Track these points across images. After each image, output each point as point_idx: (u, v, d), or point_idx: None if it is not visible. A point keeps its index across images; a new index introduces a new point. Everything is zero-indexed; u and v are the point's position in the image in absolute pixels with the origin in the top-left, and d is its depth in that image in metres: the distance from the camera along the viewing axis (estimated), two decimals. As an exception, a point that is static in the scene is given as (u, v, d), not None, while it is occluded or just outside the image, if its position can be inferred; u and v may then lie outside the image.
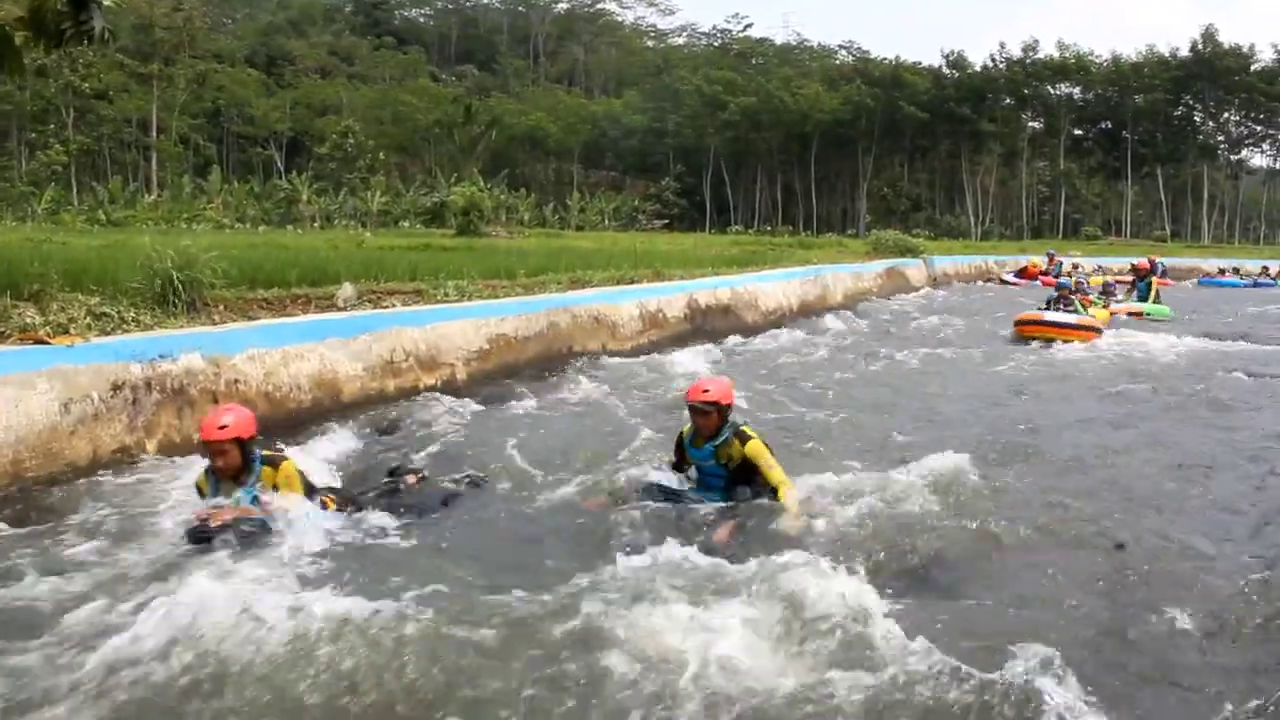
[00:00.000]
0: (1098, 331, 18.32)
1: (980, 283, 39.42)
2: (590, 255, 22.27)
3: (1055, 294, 20.38)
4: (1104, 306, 22.64)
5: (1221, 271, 44.45)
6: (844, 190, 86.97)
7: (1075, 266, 40.35)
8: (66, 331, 8.48)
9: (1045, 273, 38.42)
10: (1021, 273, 39.84)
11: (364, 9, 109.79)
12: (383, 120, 79.16)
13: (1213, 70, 74.47)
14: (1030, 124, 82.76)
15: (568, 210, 70.85)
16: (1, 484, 7.17)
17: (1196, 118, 79.10)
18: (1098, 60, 79.37)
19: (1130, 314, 23.65)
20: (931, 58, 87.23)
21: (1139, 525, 6.92)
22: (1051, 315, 18.77)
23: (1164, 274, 39.29)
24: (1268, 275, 42.49)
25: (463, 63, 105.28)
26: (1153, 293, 25.13)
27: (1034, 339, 18.00)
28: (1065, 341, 17.53)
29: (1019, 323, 18.93)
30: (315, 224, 51.22)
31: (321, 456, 8.65)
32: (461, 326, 12.77)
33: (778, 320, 21.67)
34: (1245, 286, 40.14)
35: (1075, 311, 19.25)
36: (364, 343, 11.16)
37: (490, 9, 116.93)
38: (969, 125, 78.00)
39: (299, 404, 10.02)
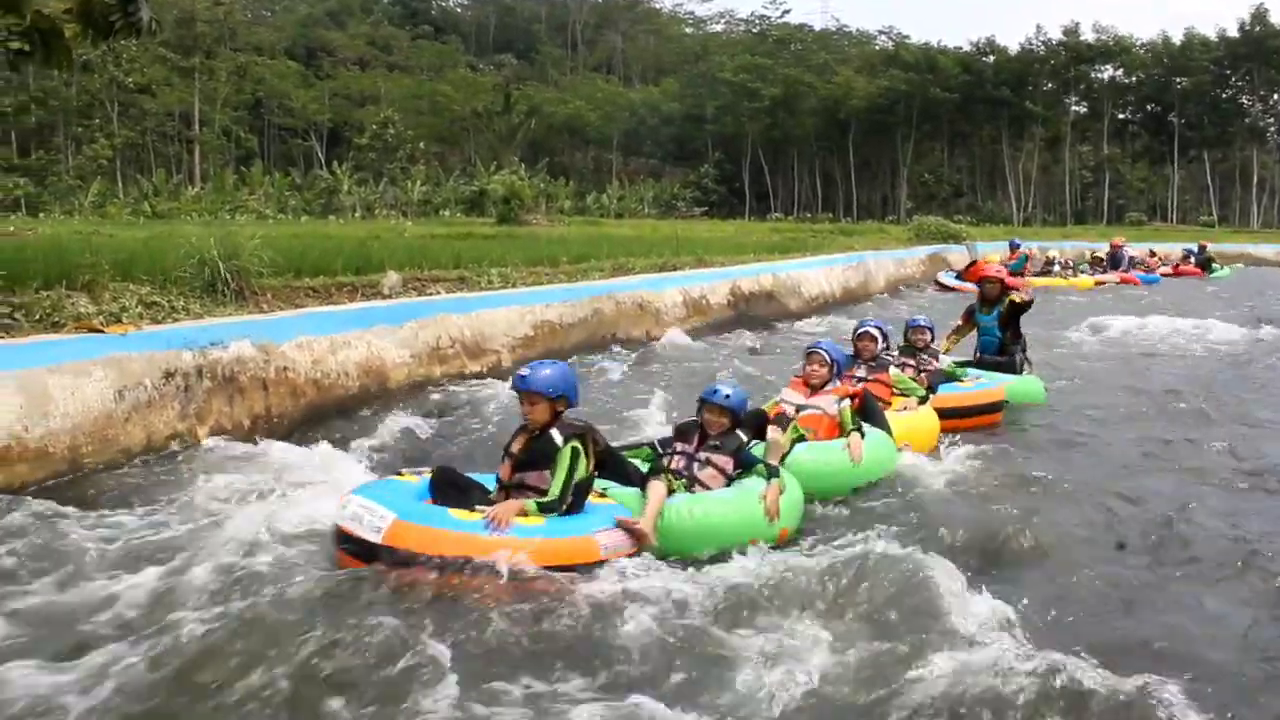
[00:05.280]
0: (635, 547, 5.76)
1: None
2: (631, 243, 22.23)
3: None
4: (924, 396, 9.28)
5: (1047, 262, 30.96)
6: (884, 177, 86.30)
7: (1049, 260, 30.86)
8: (119, 320, 8.54)
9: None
10: (966, 271, 24.33)
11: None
12: (421, 110, 79.33)
13: (1262, 51, 72.95)
14: (1074, 108, 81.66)
15: (608, 197, 70.81)
16: (60, 469, 7.26)
17: (1245, 100, 77.65)
18: (1140, 42, 78.25)
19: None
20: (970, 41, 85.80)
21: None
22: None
23: (1128, 266, 31.95)
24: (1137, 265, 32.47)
25: (501, 52, 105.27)
26: (1021, 357, 11.18)
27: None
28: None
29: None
30: (356, 214, 51.45)
31: (370, 443, 8.71)
32: (506, 313, 12.82)
33: (821, 307, 21.57)
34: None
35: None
36: (410, 330, 11.22)
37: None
38: (1010, 109, 77.12)
39: (346, 390, 10.06)
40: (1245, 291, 28.42)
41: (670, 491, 6.13)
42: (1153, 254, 35.18)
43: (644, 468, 6.39)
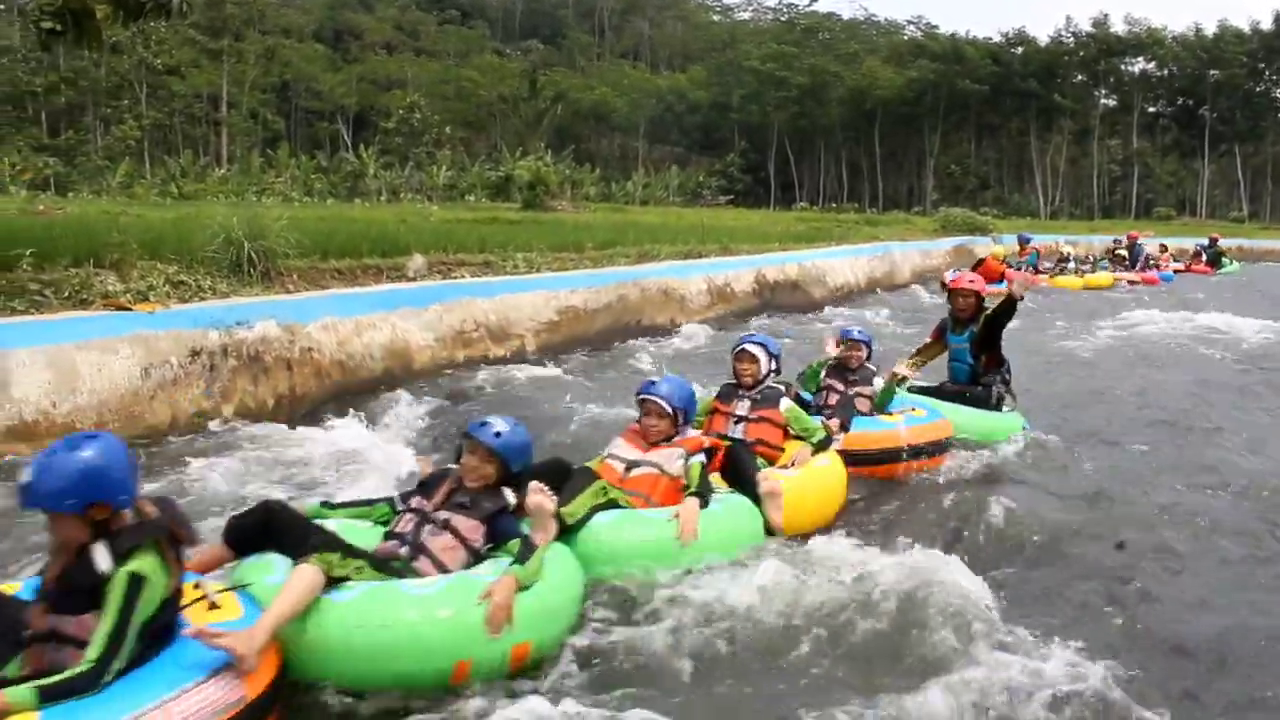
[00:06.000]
0: None
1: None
2: (656, 230, 22.11)
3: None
4: (824, 440, 6.47)
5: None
6: (910, 168, 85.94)
7: (1064, 258, 28.68)
8: (146, 299, 8.59)
9: (1014, 268, 23.94)
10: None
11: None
12: (448, 95, 79.53)
13: (1296, 44, 72.15)
14: (1103, 101, 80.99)
15: (633, 184, 70.72)
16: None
17: (1278, 94, 76.80)
18: (1172, 34, 77.47)
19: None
20: (1000, 32, 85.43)
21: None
22: None
23: (1146, 265, 29.84)
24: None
25: (527, 38, 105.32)
26: (1000, 389, 8.48)
27: None
28: None
29: None
30: (382, 198, 51.53)
31: (388, 424, 8.71)
32: (531, 298, 12.83)
33: (846, 296, 21.48)
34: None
35: None
36: (435, 313, 11.25)
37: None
38: (1038, 101, 76.61)
39: (371, 372, 10.09)
40: (1270, 288, 27.80)
41: (335, 581, 3.84)
42: (1164, 249, 33.18)
43: (377, 534, 4.57)
